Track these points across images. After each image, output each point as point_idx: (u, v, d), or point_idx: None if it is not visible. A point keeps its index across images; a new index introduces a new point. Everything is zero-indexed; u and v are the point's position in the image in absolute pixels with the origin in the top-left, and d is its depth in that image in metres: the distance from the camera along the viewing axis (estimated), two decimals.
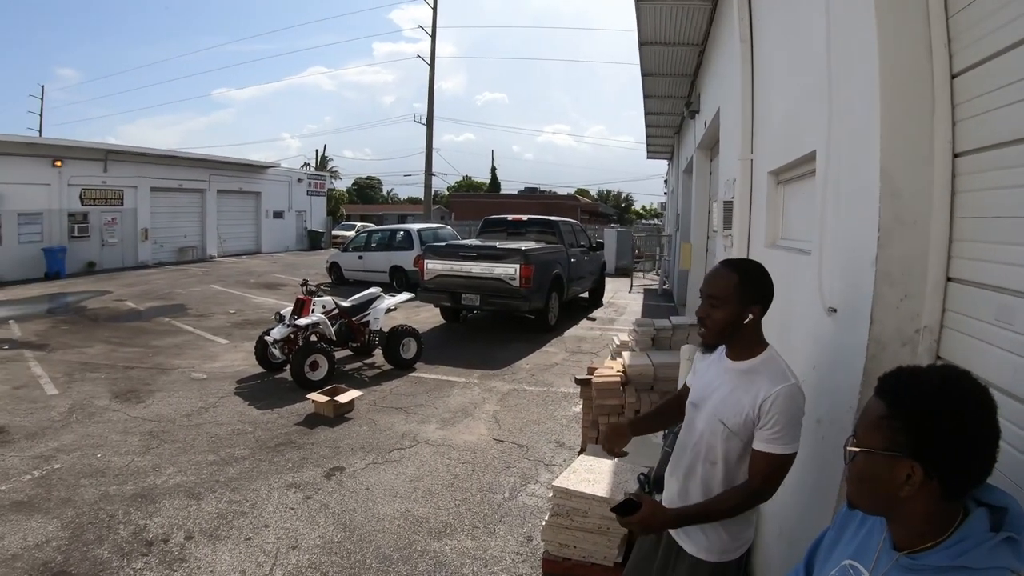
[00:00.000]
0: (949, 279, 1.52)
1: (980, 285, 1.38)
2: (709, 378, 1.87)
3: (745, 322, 1.72)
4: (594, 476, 3.03)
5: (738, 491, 1.72)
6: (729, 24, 4.44)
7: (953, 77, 1.48)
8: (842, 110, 1.97)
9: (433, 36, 26.16)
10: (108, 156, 19.14)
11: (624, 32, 53.61)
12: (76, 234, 18.13)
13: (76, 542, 3.44)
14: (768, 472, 1.66)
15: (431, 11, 25.86)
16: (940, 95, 1.50)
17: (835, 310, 2.02)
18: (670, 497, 1.92)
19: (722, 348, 1.85)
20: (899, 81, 1.57)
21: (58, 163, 17.54)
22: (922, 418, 0.97)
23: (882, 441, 1.01)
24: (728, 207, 4.48)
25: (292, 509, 3.90)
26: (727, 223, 4.50)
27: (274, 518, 3.78)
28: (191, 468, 4.48)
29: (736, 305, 1.72)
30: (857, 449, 1.05)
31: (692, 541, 1.83)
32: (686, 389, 2.08)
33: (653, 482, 2.21)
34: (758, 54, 3.74)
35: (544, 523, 3.01)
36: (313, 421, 5.55)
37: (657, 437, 2.94)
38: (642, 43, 7.40)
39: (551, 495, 3.01)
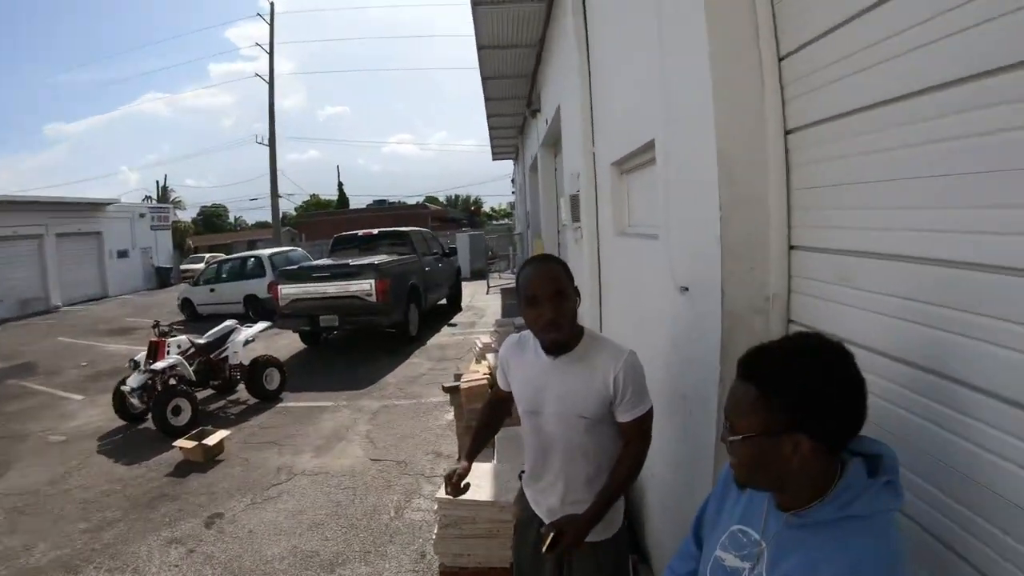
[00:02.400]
0: (792, 247, 1.63)
1: (820, 250, 1.49)
2: (533, 380, 1.83)
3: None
4: (476, 481, 2.94)
5: (627, 459, 1.77)
6: (564, 23, 4.58)
7: (780, 60, 1.59)
8: (677, 98, 2.05)
9: (271, 53, 24.92)
10: None
11: (463, 37, 54.34)
12: None
13: None
14: (643, 431, 1.78)
15: (268, 27, 24.53)
16: (769, 77, 1.60)
17: (687, 289, 2.10)
18: (550, 502, 1.90)
19: (535, 344, 1.83)
20: (729, 66, 1.66)
21: None
22: (793, 389, 0.99)
23: (761, 423, 1.01)
24: (575, 200, 4.63)
25: (176, 566, 3.64)
26: (575, 216, 4.65)
27: None
28: (64, 540, 4.08)
29: (574, 293, 1.75)
30: (739, 437, 1.04)
31: None
32: (498, 392, 2.11)
33: None
34: (594, 50, 3.88)
35: (435, 536, 2.93)
36: (184, 469, 5.14)
37: None
38: (480, 47, 7.49)
39: (436, 507, 2.91)
